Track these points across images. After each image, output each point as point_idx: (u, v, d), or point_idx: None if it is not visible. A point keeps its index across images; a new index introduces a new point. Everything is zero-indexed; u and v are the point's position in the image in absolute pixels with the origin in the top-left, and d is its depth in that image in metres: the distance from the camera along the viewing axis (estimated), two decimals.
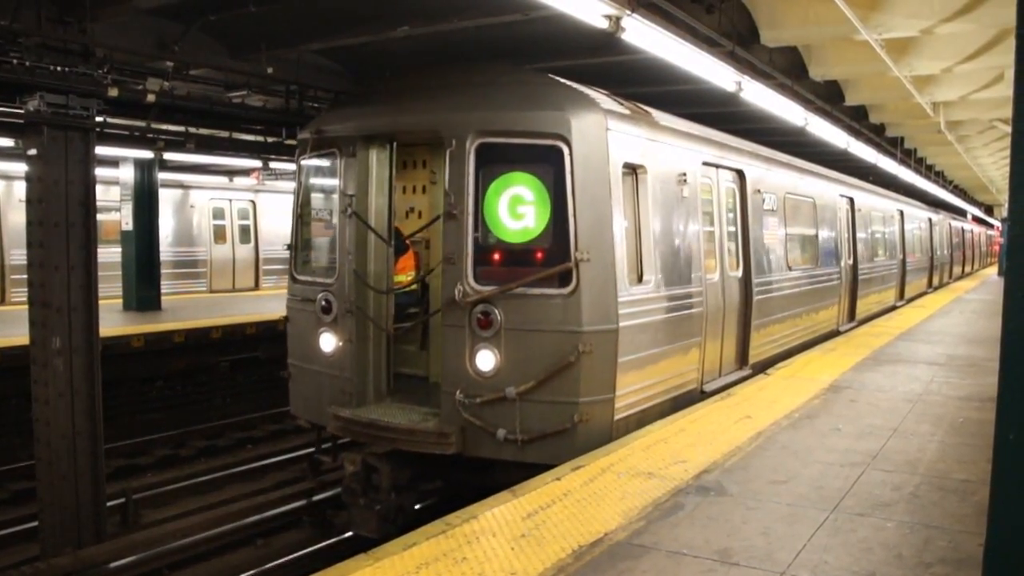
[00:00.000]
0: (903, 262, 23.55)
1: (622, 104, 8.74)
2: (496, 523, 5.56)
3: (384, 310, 8.94)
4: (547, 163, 7.74)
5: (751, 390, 10.11)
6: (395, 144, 9.02)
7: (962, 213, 45.14)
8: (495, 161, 7.88)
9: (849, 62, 13.70)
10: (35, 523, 9.71)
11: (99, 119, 10.19)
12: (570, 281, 7.65)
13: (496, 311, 7.72)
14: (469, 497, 6.28)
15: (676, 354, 9.12)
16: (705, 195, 10.29)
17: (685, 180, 9.34)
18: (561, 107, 7.84)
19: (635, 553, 5.13)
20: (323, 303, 8.91)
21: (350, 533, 9.25)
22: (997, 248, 56.43)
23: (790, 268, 13.23)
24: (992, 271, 47.08)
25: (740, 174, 11.42)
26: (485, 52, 7.67)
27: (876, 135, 20.98)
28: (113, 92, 10.47)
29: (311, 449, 11.78)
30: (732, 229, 11.29)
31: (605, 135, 7.85)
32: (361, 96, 10.16)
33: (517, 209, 7.84)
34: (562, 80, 8.37)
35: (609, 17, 7.75)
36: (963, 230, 40.67)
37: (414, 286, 9.92)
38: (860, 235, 18.34)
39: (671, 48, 9.05)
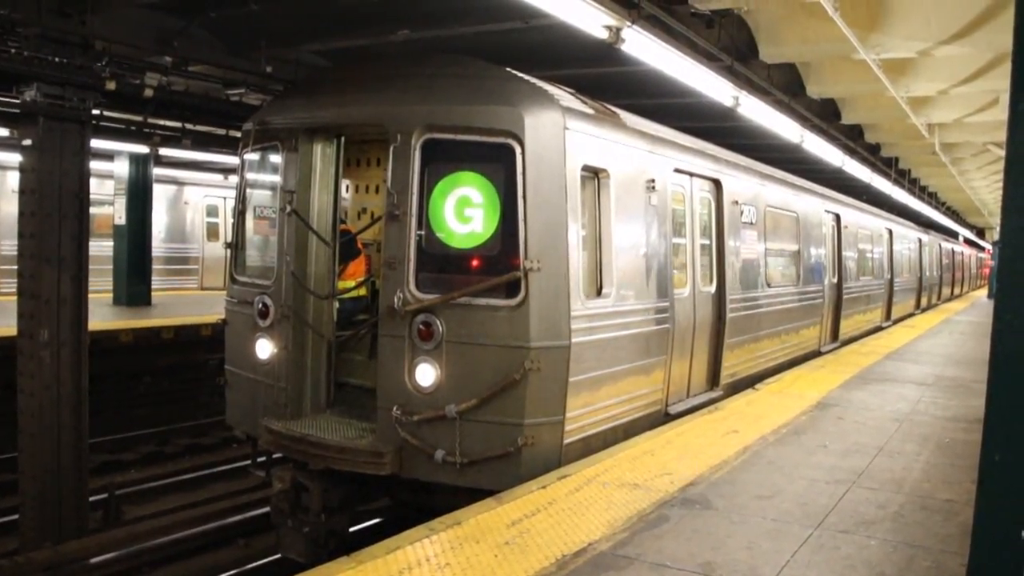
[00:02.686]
0: (890, 282, 22.99)
1: (585, 103, 8.05)
2: (480, 530, 5.54)
3: (325, 316, 8.33)
4: (497, 163, 7.14)
5: (739, 405, 10.11)
6: (342, 139, 8.42)
7: (954, 235, 45.35)
8: (442, 159, 7.29)
9: (847, 81, 13.79)
10: (15, 516, 9.66)
11: (95, 112, 10.18)
12: (518, 292, 7.01)
13: (438, 322, 7.10)
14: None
15: (638, 374, 8.46)
16: (676, 204, 9.67)
17: (654, 187, 8.70)
18: (514, 102, 7.18)
19: (619, 564, 5.12)
20: (260, 306, 8.25)
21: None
22: (987, 271, 56.71)
23: (769, 285, 12.59)
24: (982, 293, 47.29)
25: (716, 184, 10.74)
26: (484, 59, 7.61)
27: (871, 154, 21.10)
28: (111, 85, 10.47)
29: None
30: (706, 242, 10.64)
31: (562, 134, 7.23)
32: (307, 86, 9.39)
33: (464, 212, 7.22)
34: (518, 74, 7.72)
35: (609, 28, 7.79)
36: (953, 251, 40.62)
37: (362, 291, 9.26)
38: (846, 253, 17.69)
39: (670, 61, 9.08)
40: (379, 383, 7.42)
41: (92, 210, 10.10)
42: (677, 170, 9.47)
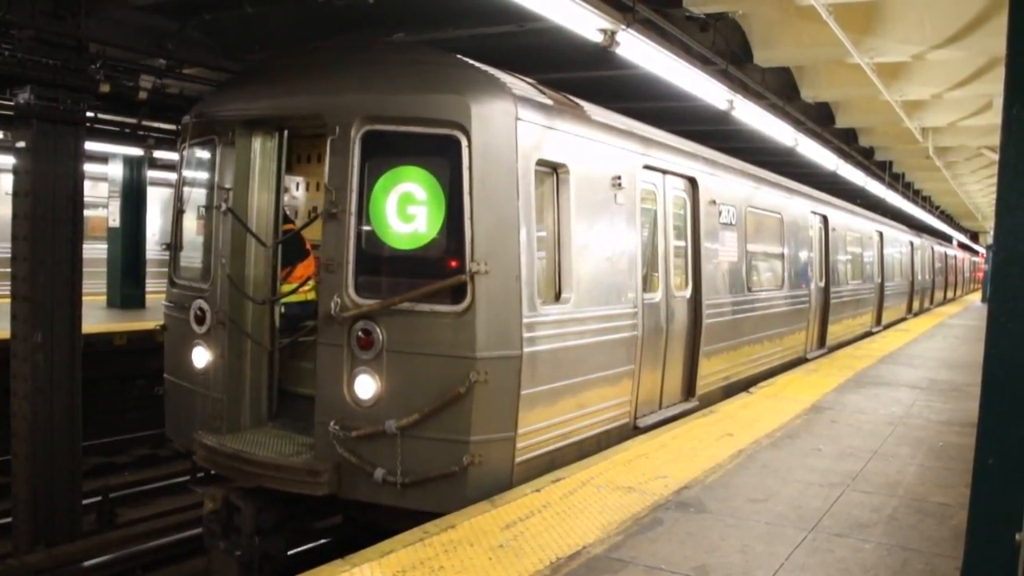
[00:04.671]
0: (881, 286, 22.50)
1: (543, 92, 7.55)
2: (474, 533, 5.54)
3: (266, 322, 7.79)
4: (442, 156, 6.64)
5: (733, 408, 10.13)
6: (285, 132, 7.89)
7: (947, 238, 45.43)
8: (384, 152, 6.79)
9: (841, 85, 13.82)
10: (8, 519, 9.63)
11: (89, 114, 10.16)
12: (463, 297, 6.47)
13: (378, 329, 6.58)
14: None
15: (601, 385, 7.91)
16: (647, 203, 9.13)
17: (620, 184, 8.15)
18: (460, 90, 6.68)
19: (613, 567, 5.11)
20: (197, 312, 7.72)
21: (327, 538, 9.14)
22: (981, 275, 56.85)
23: (750, 289, 12.02)
24: (976, 297, 47.41)
25: (692, 182, 10.18)
26: (480, 62, 7.59)
27: (865, 158, 21.13)
28: (105, 88, 10.45)
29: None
30: (681, 244, 10.08)
31: (514, 125, 6.71)
32: (248, 76, 8.75)
33: (407, 210, 6.69)
34: (466, 60, 7.22)
35: (604, 31, 7.78)
36: (946, 255, 40.53)
37: (310, 295, 8.46)
38: (834, 256, 17.19)
39: (665, 64, 9.08)
40: (317, 395, 6.93)
41: (86, 213, 10.09)
42: (647, 167, 8.97)
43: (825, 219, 16.69)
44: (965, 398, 11.30)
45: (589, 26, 7.71)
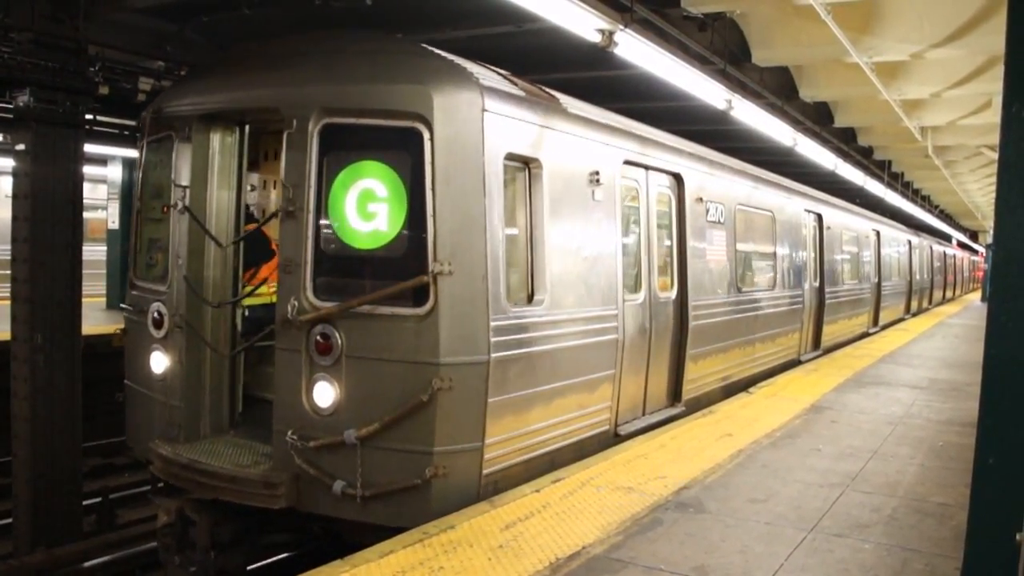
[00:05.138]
0: (878, 286, 22.09)
1: (514, 83, 7.19)
2: (474, 533, 5.54)
3: (225, 326, 7.48)
4: (403, 150, 6.31)
5: (733, 408, 10.13)
6: (247, 128, 7.57)
7: (947, 238, 45.44)
8: (343, 147, 6.45)
9: (839, 84, 13.82)
10: (9, 520, 9.63)
11: (89, 116, 10.16)
12: (426, 299, 6.13)
13: (337, 334, 6.25)
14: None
15: (579, 391, 7.58)
16: (628, 200, 8.80)
17: (598, 180, 7.82)
18: (422, 80, 6.33)
19: (613, 567, 5.11)
20: (155, 315, 7.37)
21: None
22: (981, 274, 56.88)
23: (740, 290, 11.66)
24: (975, 296, 47.41)
25: (677, 178, 9.79)
26: (480, 62, 7.58)
27: (864, 158, 21.15)
28: (104, 90, 10.45)
29: None
30: (666, 243, 9.75)
31: (480, 117, 6.38)
32: (207, 68, 8.32)
33: (367, 207, 6.34)
34: (429, 48, 6.88)
35: (602, 31, 7.79)
36: (945, 254, 40.37)
37: (274, 297, 7.79)
38: (829, 255, 16.79)
39: (663, 64, 9.09)
40: (275, 403, 6.59)
41: (85, 214, 10.08)
42: (628, 162, 8.61)
43: (820, 217, 16.37)
44: (965, 398, 11.30)
45: (587, 26, 7.72)
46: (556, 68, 11.58)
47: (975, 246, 60.04)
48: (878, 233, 22.18)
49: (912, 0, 10.44)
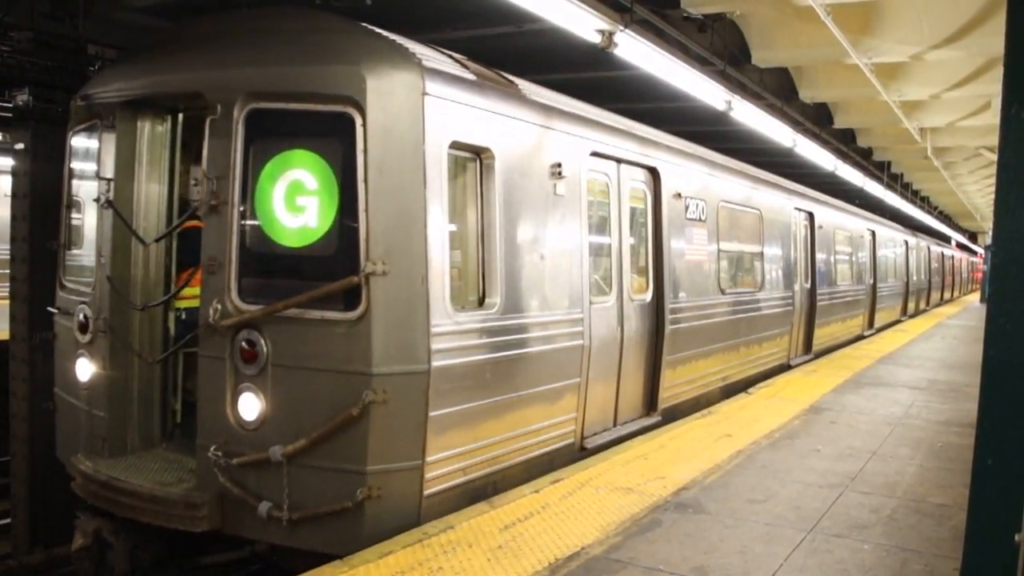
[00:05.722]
0: (873, 287, 21.49)
1: (465, 66, 6.62)
2: (473, 534, 5.53)
3: (155, 331, 6.90)
4: (334, 138, 5.76)
5: (732, 409, 10.13)
6: (180, 116, 6.97)
7: (946, 239, 45.46)
8: (271, 135, 5.91)
9: (839, 85, 13.84)
10: (8, 520, 9.62)
11: None
12: (358, 302, 5.59)
13: (263, 340, 5.72)
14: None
15: (538, 402, 7.01)
16: (597, 196, 8.19)
17: (560, 173, 7.23)
18: (354, 60, 5.76)
19: (612, 568, 5.11)
20: (81, 318, 6.81)
21: None
22: (980, 275, 56.91)
23: (723, 292, 11.02)
24: (974, 297, 47.44)
25: (653, 173, 9.14)
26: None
27: (864, 159, 21.17)
28: None
29: None
30: (642, 242, 9.13)
31: (420, 101, 5.80)
32: (135, 52, 7.58)
33: (297, 201, 5.79)
34: (365, 26, 6.28)
35: (602, 32, 7.79)
36: (943, 255, 40.24)
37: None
38: (820, 255, 16.12)
39: (662, 65, 9.09)
40: (198, 415, 6.05)
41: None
42: (597, 154, 8.00)
43: (811, 216, 15.81)
44: (964, 399, 11.31)
45: (587, 27, 7.73)
46: (556, 69, 11.58)
47: (974, 247, 60.06)
48: (873, 233, 21.74)
49: (912, 2, 10.45)
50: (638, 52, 8.49)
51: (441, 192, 5.94)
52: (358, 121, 5.63)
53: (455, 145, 6.17)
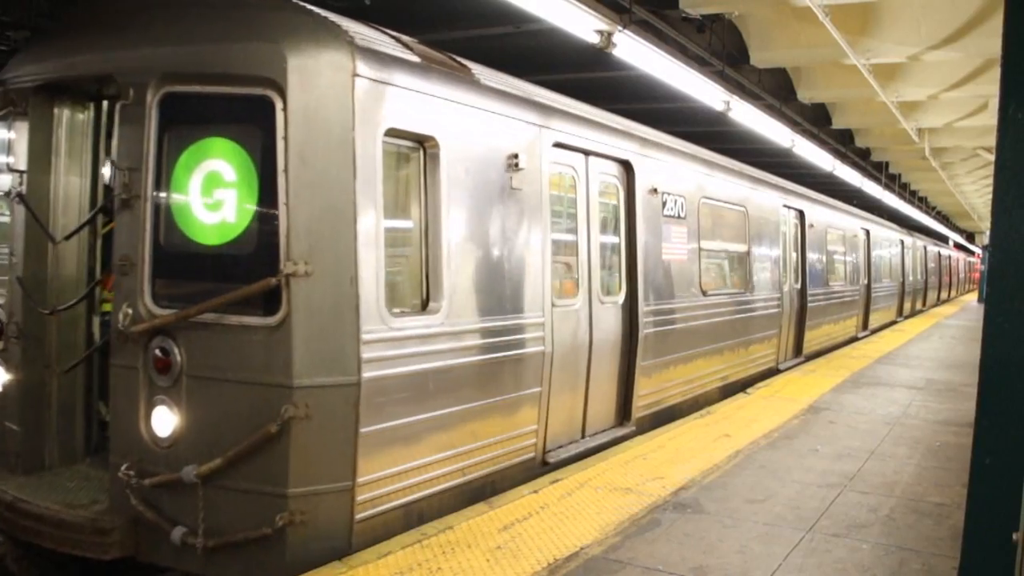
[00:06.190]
0: (868, 287, 20.85)
1: (407, 47, 5.98)
2: (472, 535, 5.54)
3: (74, 337, 6.27)
4: (253, 124, 5.21)
5: (730, 409, 10.13)
6: (105, 103, 6.33)
7: (944, 239, 45.50)
8: (187, 121, 5.36)
9: (837, 86, 13.87)
10: None
11: None
12: (278, 306, 5.05)
13: (176, 348, 5.20)
14: None
15: (491, 414, 6.43)
16: (561, 190, 7.63)
17: (517, 166, 6.67)
18: (274, 37, 5.18)
19: (611, 568, 5.12)
20: None
21: None
22: (977, 275, 56.99)
23: (704, 293, 10.40)
24: (972, 297, 47.52)
25: (626, 166, 8.54)
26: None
27: (861, 159, 21.20)
28: None
29: None
30: (613, 240, 8.52)
31: (350, 83, 5.24)
32: (52, 32, 7.00)
33: (214, 194, 5.26)
34: (290, 0, 5.67)
35: (601, 32, 7.80)
36: (940, 255, 40.12)
37: None
38: (812, 255, 15.50)
39: (661, 65, 9.10)
40: (111, 430, 5.54)
41: None
42: (560, 145, 7.42)
43: (801, 214, 15.17)
44: (962, 398, 11.32)
45: (586, 27, 7.74)
46: (555, 69, 11.60)
47: (972, 247, 60.14)
48: (868, 232, 21.15)
49: (910, 2, 10.48)
50: (637, 53, 8.50)
51: (374, 184, 5.36)
52: (278, 105, 5.10)
53: (393, 132, 5.58)
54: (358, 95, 5.27)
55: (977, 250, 58.92)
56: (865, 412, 10.29)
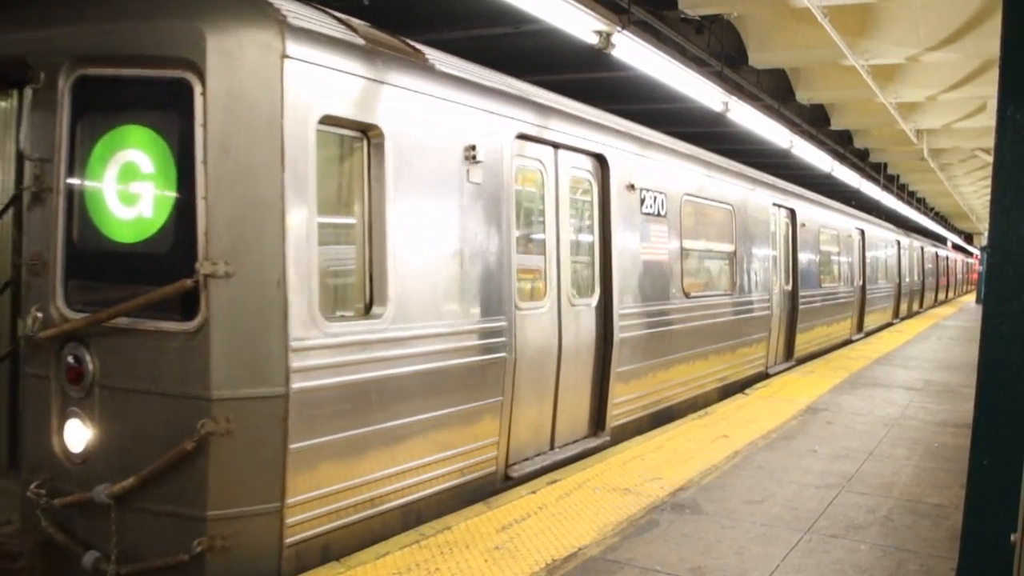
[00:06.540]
0: (862, 289, 20.37)
1: (350, 28, 5.46)
2: (470, 535, 5.54)
3: None
4: (171, 109, 4.76)
5: (729, 409, 10.14)
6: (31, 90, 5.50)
7: (942, 239, 45.52)
8: (102, 107, 4.93)
9: (836, 87, 13.89)
10: None
11: None
12: (196, 310, 4.62)
13: (88, 356, 4.79)
14: None
15: (444, 426, 5.96)
16: (526, 185, 7.19)
17: (475, 158, 6.21)
18: (193, 14, 4.73)
19: (609, 568, 5.12)
20: None
21: None
22: (976, 276, 57.02)
23: (687, 294, 9.90)
24: (970, 298, 47.53)
25: (600, 160, 8.07)
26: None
27: (860, 160, 21.22)
28: None
29: None
30: (585, 239, 8.06)
31: (278, 65, 4.77)
32: None
33: (131, 187, 4.84)
34: None
35: (600, 33, 7.80)
36: (938, 256, 39.95)
37: None
38: (804, 255, 15.00)
39: (660, 66, 9.10)
40: (22, 445, 5.13)
41: None
42: (526, 136, 6.98)
43: (793, 213, 14.62)
44: (960, 399, 11.33)
45: (584, 28, 7.74)
46: (554, 69, 11.60)
47: (970, 248, 60.18)
48: (863, 232, 20.58)
49: (908, 4, 10.49)
50: (635, 53, 8.50)
51: (307, 176, 4.90)
52: (197, 89, 4.66)
53: (330, 120, 5.11)
54: (288, 78, 4.81)
55: (975, 251, 58.98)
56: (863, 413, 10.29)
